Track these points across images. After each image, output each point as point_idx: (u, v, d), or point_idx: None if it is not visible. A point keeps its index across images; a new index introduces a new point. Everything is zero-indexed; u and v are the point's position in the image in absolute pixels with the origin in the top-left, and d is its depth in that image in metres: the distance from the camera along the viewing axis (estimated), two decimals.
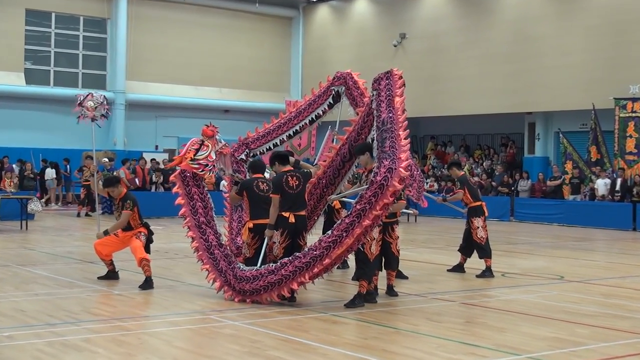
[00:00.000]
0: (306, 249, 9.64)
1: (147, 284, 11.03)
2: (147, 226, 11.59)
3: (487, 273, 12.96)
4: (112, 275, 11.83)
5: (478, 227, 13.12)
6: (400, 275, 12.03)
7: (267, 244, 10.26)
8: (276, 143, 12.66)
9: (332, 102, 12.41)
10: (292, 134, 12.61)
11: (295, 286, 9.61)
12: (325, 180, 11.48)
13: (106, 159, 26.72)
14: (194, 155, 10.58)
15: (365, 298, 9.97)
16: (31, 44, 33.02)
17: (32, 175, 27.76)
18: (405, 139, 9.50)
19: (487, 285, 12.29)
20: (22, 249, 16.01)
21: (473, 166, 30.73)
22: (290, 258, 9.66)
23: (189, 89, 35.74)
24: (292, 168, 10.57)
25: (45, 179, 30.34)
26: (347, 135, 11.24)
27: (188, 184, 10.67)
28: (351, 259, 10.05)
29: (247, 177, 11.49)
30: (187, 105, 35.24)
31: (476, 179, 28.52)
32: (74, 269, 13.25)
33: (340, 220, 9.44)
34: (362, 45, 34.84)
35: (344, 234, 9.28)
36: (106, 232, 11.44)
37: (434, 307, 10.15)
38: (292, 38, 38.59)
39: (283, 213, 10.16)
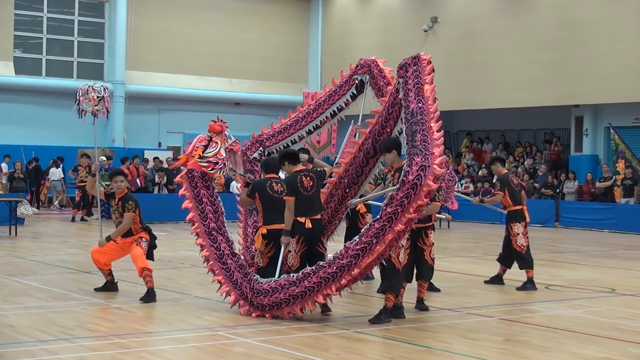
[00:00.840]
0: (331, 258, 9.62)
1: (149, 297, 11.05)
2: (148, 230, 11.62)
3: (529, 285, 12.90)
4: (110, 286, 11.86)
5: (518, 234, 13.04)
6: (432, 288, 12.00)
7: (284, 252, 10.25)
8: (294, 140, 12.63)
9: (355, 92, 12.39)
10: (311, 129, 12.59)
11: (320, 299, 9.59)
12: (347, 180, 11.41)
13: (104, 158, 26.82)
14: (202, 152, 10.59)
15: (392, 313, 9.94)
16: (21, 30, 33.19)
17: (21, 176, 27.89)
18: (437, 131, 9.47)
19: (528, 298, 12.23)
20: (11, 257, 16.10)
21: (515, 165, 30.61)
22: (314, 268, 9.64)
23: (196, 79, 35.83)
24: (303, 167, 10.55)
25: (52, 179, 30.39)
26: (371, 128, 11.20)
27: (196, 186, 10.66)
28: (375, 269, 10.02)
29: (261, 177, 11.49)
30: (193, 98, 35.32)
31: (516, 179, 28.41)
32: (68, 279, 13.31)
33: (368, 225, 9.41)
34: (388, 31, 34.79)
35: (374, 241, 9.24)
36: (109, 239, 11.48)
37: (470, 323, 10.11)
38: (310, 22, 38.59)
39: (298, 218, 10.16)
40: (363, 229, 9.50)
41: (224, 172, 10.84)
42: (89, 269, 13.55)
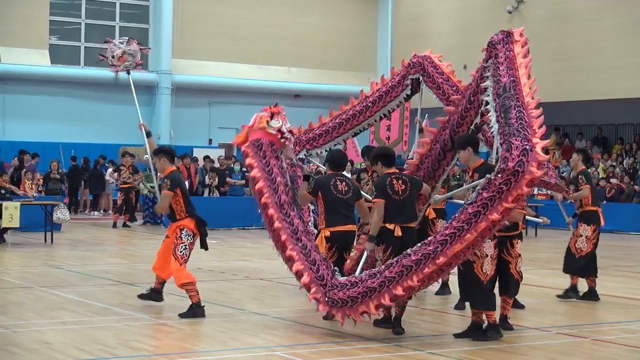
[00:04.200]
0: (417, 246, 9.50)
1: (192, 312, 11.06)
2: (195, 217, 11.40)
3: (571, 293, 13.24)
4: (154, 296, 11.81)
5: (582, 236, 13.25)
6: (516, 304, 11.95)
7: (366, 259, 10.28)
8: (338, 143, 12.81)
9: (409, 93, 12.46)
10: (357, 132, 12.76)
11: (399, 291, 9.35)
12: (423, 173, 11.38)
13: (148, 156, 27.06)
14: (267, 122, 10.67)
15: (474, 333, 9.93)
16: (57, 15, 33.70)
17: (58, 177, 28.26)
18: (536, 108, 9.40)
19: (627, 317, 12.11)
20: (47, 267, 16.35)
21: (614, 164, 30.24)
22: (397, 258, 9.54)
23: (251, 68, 36.00)
24: (397, 170, 10.57)
25: (108, 180, 30.53)
26: (449, 118, 11.18)
27: (265, 155, 10.57)
28: (454, 285, 9.98)
29: (326, 173, 11.52)
30: (248, 89, 35.48)
31: (615, 180, 28.15)
32: (109, 292, 13.48)
33: (460, 210, 9.33)
34: (467, 12, 34.63)
35: (465, 227, 9.09)
36: (149, 134, 11.70)
37: (560, 345, 10.06)
38: (379, 3, 38.57)
39: (386, 225, 10.16)
40: (455, 215, 9.32)
41: (292, 142, 10.92)
42: (132, 280, 13.71)
